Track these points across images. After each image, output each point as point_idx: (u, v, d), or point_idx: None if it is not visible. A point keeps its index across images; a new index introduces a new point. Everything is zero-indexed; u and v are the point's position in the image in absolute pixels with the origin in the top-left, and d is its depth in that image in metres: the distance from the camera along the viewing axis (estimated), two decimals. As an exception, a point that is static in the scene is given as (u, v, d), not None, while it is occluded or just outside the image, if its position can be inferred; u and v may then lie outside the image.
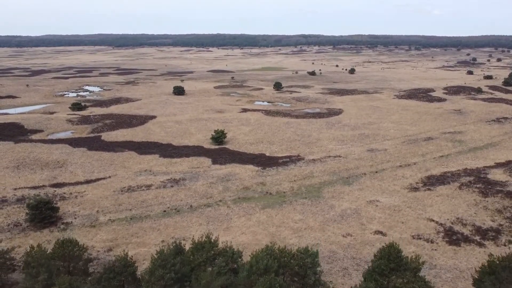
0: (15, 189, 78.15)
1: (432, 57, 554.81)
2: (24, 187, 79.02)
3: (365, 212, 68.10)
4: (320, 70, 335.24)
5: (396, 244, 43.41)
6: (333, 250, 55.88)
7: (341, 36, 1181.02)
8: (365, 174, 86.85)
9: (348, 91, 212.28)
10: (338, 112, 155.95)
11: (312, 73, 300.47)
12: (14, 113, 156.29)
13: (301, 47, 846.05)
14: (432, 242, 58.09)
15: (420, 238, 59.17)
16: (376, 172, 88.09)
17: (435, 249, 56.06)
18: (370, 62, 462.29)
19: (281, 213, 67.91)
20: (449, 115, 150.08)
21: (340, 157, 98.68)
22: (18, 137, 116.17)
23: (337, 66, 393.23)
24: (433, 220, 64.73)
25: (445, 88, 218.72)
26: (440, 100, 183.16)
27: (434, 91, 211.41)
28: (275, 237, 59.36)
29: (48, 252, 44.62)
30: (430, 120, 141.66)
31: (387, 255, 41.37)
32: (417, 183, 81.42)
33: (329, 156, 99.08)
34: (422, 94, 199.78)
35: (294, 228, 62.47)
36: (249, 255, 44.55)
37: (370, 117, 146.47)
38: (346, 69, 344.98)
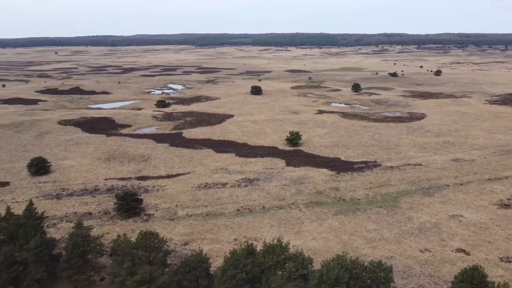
0: (106, 179, 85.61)
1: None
2: (114, 178, 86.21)
3: (446, 227, 63.86)
4: (402, 71, 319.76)
5: (481, 267, 40.21)
6: (408, 265, 53.27)
7: (427, 35, 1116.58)
8: (448, 185, 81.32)
9: (432, 95, 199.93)
10: (420, 116, 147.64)
11: (394, 75, 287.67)
12: (107, 108, 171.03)
13: (382, 47, 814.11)
14: (523, 266, 52.78)
15: (510, 261, 54.03)
16: (461, 184, 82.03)
17: (527, 275, 50.85)
18: (458, 63, 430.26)
19: (354, 221, 66.28)
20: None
21: (421, 165, 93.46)
22: (109, 130, 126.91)
23: (421, 67, 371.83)
24: (526, 242, 58.72)
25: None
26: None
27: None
28: (347, 245, 58.13)
29: (132, 242, 48.29)
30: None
31: (470, 278, 38.48)
32: (508, 199, 74.31)
33: (409, 164, 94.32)
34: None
35: (367, 238, 60.62)
36: (320, 263, 44.23)
37: (456, 123, 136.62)
38: (431, 71, 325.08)
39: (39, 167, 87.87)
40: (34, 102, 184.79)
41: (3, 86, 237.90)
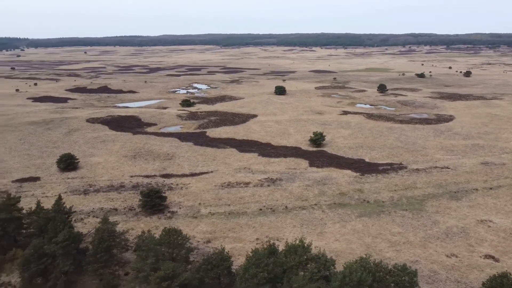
0: (132, 176, 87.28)
1: None
2: (139, 175, 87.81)
3: (474, 232, 62.06)
4: (430, 72, 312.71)
5: (510, 274, 38.86)
6: (434, 270, 52.03)
7: (457, 35, 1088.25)
8: (477, 189, 78.98)
9: (461, 96, 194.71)
10: (448, 118, 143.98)
11: (421, 75, 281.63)
12: (133, 106, 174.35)
13: (410, 47, 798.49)
14: (556, 275, 50.66)
15: (542, 269, 51.97)
16: (491, 188, 79.51)
17: (560, 285, 48.79)
18: (490, 64, 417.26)
19: (378, 223, 65.26)
20: None
21: (448, 168, 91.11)
22: (136, 129, 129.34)
23: (450, 68, 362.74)
24: (560, 250, 56.39)
25: None
26: None
27: None
28: (370, 248, 57.29)
29: (156, 238, 49.06)
30: None
31: (499, 285, 37.29)
32: (541, 205, 71.53)
33: (436, 167, 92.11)
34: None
35: (391, 241, 59.58)
36: (342, 265, 43.78)
37: (486, 126, 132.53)
38: (460, 72, 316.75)
39: (68, 163, 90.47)
40: (64, 100, 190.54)
41: (35, 84, 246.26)
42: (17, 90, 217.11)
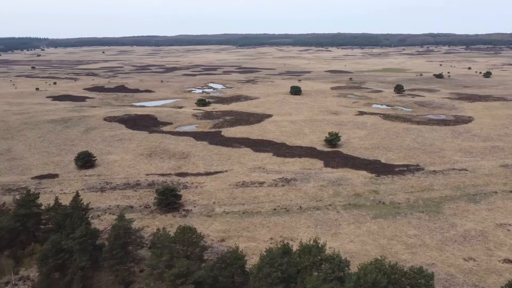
0: (147, 174, 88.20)
1: None
2: (154, 174, 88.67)
3: (493, 236, 60.77)
4: (448, 72, 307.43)
5: (531, 279, 37.96)
6: (451, 274, 51.14)
7: (476, 35, 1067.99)
8: (496, 192, 77.32)
9: (481, 97, 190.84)
10: (467, 120, 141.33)
11: (439, 76, 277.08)
12: (149, 106, 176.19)
13: (428, 47, 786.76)
14: None
15: None
16: (511, 191, 77.73)
17: None
18: (510, 64, 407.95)
19: (393, 225, 64.48)
20: None
21: (467, 170, 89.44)
22: (152, 127, 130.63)
23: (469, 68, 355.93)
24: None
25: None
26: None
27: None
28: (385, 250, 56.64)
29: (171, 236, 49.44)
30: None
31: (518, 290, 36.43)
32: None
33: (453, 169, 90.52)
34: None
35: (407, 243, 58.79)
36: (357, 266, 43.42)
37: (507, 127, 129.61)
38: (480, 72, 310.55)
39: (85, 161, 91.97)
40: (82, 99, 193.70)
41: (55, 83, 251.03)
42: (37, 88, 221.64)
